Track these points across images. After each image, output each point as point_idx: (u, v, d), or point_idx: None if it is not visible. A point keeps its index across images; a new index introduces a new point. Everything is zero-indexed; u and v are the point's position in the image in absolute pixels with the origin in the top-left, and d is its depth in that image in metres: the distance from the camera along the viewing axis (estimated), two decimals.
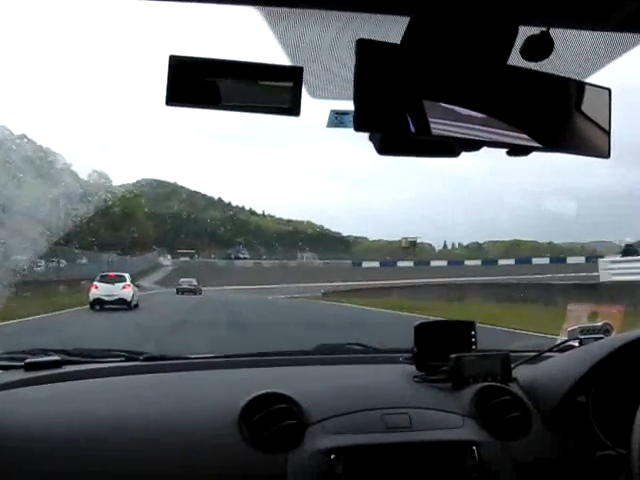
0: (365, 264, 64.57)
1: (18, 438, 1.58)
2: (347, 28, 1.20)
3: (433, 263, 67.64)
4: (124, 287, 22.70)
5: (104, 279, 22.82)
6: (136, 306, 22.58)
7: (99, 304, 21.63)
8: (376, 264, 64.75)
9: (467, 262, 65.97)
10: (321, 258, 65.28)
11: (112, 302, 21.59)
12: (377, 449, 1.66)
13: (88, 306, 21.34)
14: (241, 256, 64.95)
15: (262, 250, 64.94)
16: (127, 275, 23.56)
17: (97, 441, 1.60)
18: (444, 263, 67.24)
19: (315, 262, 64.40)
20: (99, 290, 22.26)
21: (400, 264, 65.43)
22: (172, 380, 1.96)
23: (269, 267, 58.40)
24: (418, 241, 76.09)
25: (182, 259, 58.14)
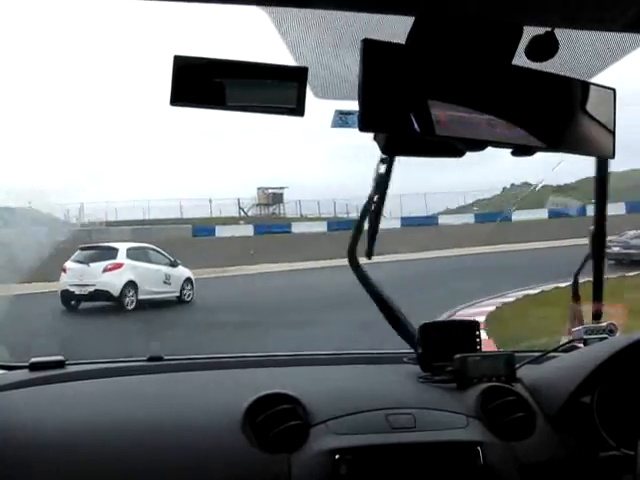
0: (444, 219, 33.98)
1: (23, 438, 1.58)
2: (352, 28, 1.20)
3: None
4: (107, 269, 13.38)
5: (80, 255, 14.02)
6: (185, 301, 13.83)
7: (70, 299, 13.16)
8: (467, 217, 33.46)
9: None
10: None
11: (86, 296, 13.08)
12: (381, 449, 1.66)
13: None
14: None
15: None
16: (122, 246, 14.42)
17: (101, 441, 1.60)
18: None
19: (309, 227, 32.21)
20: (68, 275, 13.37)
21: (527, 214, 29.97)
22: (176, 380, 1.96)
23: None
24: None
25: None
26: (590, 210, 2.21)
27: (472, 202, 39.97)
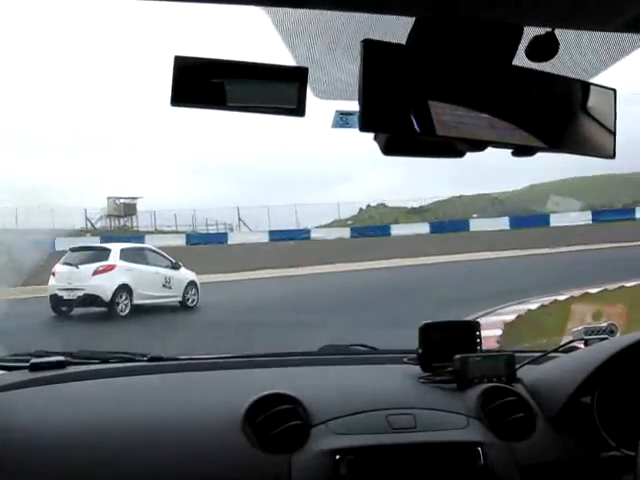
0: (317, 232, 33.51)
1: (23, 439, 1.58)
2: (352, 28, 1.20)
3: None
4: (97, 271, 12.52)
5: (70, 257, 13.23)
6: (188, 306, 13.04)
7: (59, 304, 12.30)
8: (342, 232, 33.33)
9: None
10: None
11: (75, 301, 12.22)
12: (382, 450, 1.66)
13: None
14: None
15: None
16: (116, 247, 13.63)
17: (101, 442, 1.60)
18: None
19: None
20: (57, 279, 12.54)
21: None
22: (176, 380, 1.96)
23: None
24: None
25: None
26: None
27: (331, 222, 37.57)
